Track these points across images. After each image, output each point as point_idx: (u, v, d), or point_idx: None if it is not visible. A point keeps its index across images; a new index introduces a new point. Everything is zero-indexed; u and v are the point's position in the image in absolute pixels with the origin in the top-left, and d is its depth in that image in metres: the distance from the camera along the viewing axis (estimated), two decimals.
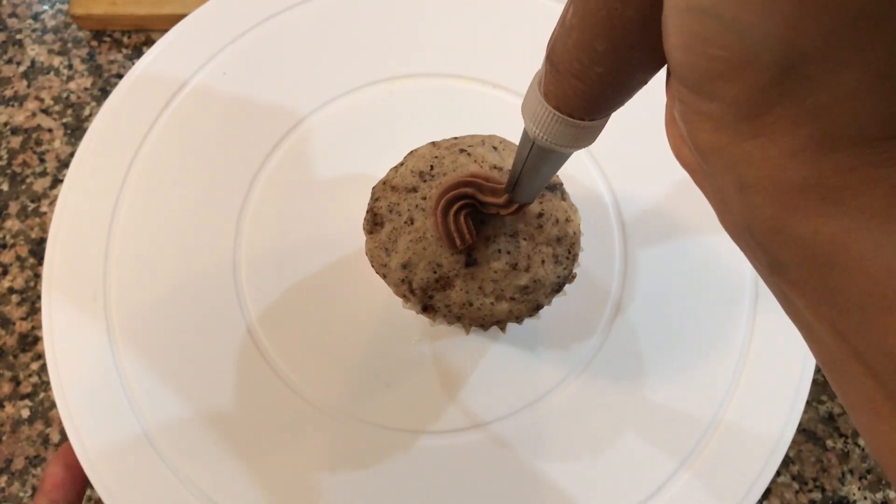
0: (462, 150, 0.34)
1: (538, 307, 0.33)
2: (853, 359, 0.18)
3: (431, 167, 0.33)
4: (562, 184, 0.35)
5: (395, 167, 0.34)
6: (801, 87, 0.15)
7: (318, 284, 0.40)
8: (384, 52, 0.45)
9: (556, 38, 0.20)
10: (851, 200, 0.16)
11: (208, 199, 0.42)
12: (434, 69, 0.45)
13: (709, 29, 0.15)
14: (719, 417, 0.38)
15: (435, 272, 0.32)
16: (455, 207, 0.31)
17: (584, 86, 0.20)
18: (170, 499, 0.36)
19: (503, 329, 0.35)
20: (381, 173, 0.35)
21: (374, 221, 0.34)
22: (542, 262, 0.33)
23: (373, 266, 0.34)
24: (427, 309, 0.33)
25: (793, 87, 0.15)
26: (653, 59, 0.18)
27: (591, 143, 0.23)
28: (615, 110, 0.22)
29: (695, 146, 0.18)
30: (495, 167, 0.33)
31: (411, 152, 0.35)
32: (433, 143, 0.35)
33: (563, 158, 0.25)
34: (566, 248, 0.33)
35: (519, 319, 0.34)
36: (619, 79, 0.20)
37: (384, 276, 0.34)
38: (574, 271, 0.34)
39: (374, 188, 0.34)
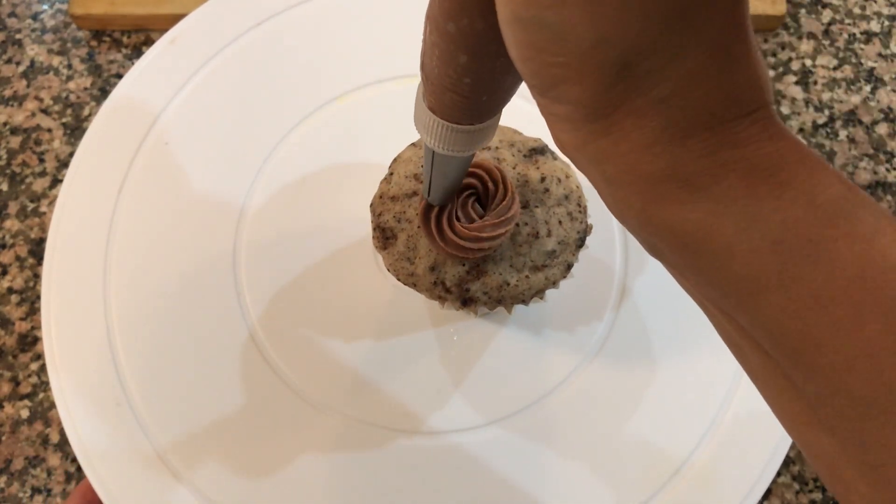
0: None
1: (569, 266, 0.34)
2: (743, 336, 0.18)
3: (422, 166, 0.33)
4: (547, 146, 0.35)
5: (386, 178, 0.34)
6: (641, 81, 0.15)
7: (318, 282, 0.40)
8: (384, 51, 0.45)
9: (423, 53, 0.20)
10: (713, 186, 0.16)
11: (208, 198, 0.42)
12: None
13: (539, 38, 0.15)
14: (720, 418, 0.37)
15: (464, 264, 0.32)
16: (462, 197, 0.31)
17: (459, 97, 0.20)
18: (169, 498, 0.36)
19: (515, 306, 0.35)
20: (379, 168, 0.35)
21: (384, 236, 0.33)
22: (560, 222, 0.33)
23: (399, 279, 0.34)
24: (467, 302, 0.33)
25: (633, 83, 0.15)
26: None
27: (489, 140, 0.23)
28: (501, 109, 0.22)
29: (558, 145, 0.18)
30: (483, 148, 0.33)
31: (395, 159, 0.35)
32: (413, 144, 0.35)
33: (467, 159, 0.25)
34: (576, 203, 0.34)
35: (555, 284, 0.34)
36: (491, 86, 0.20)
37: (414, 285, 0.33)
38: (589, 222, 0.35)
39: (371, 205, 0.34)
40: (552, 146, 0.35)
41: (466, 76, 0.19)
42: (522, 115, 0.43)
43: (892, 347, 0.15)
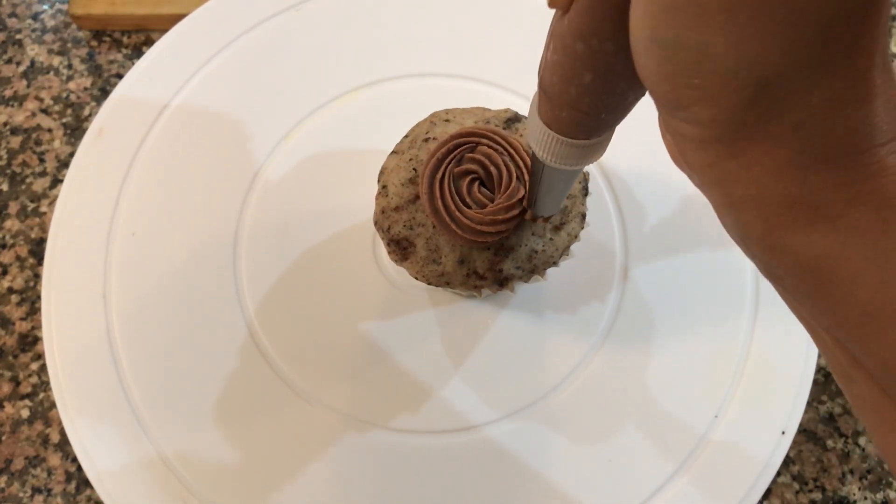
0: (425, 140, 0.34)
1: (583, 216, 0.34)
2: (856, 367, 0.18)
3: (415, 170, 0.33)
4: (517, 113, 0.35)
5: (381, 193, 0.34)
6: (778, 106, 0.15)
7: (316, 278, 0.40)
8: (386, 51, 0.45)
9: (544, 70, 0.20)
10: (844, 216, 0.16)
11: (207, 200, 0.42)
12: (435, 69, 0.45)
13: (676, 59, 0.15)
14: (720, 418, 0.38)
15: (489, 248, 0.33)
16: (466, 183, 0.31)
17: (579, 114, 0.20)
18: (168, 495, 0.36)
19: (512, 289, 0.35)
20: (376, 164, 0.35)
21: (402, 247, 0.33)
22: None
23: (430, 283, 0.34)
24: (503, 282, 0.33)
25: (770, 107, 0.15)
26: (641, 82, 0.18)
27: (601, 156, 0.23)
28: (616, 126, 0.22)
29: (684, 162, 0.18)
30: None
31: (382, 171, 0.35)
32: (394, 152, 0.35)
33: (576, 172, 0.25)
34: None
35: (577, 237, 0.34)
36: (611, 104, 0.20)
37: (447, 284, 0.34)
38: (586, 171, 0.35)
39: (375, 223, 0.34)
40: (522, 113, 0.35)
41: (588, 95, 0.19)
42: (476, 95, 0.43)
43: None
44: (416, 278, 0.34)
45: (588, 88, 0.19)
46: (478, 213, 0.31)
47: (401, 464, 0.37)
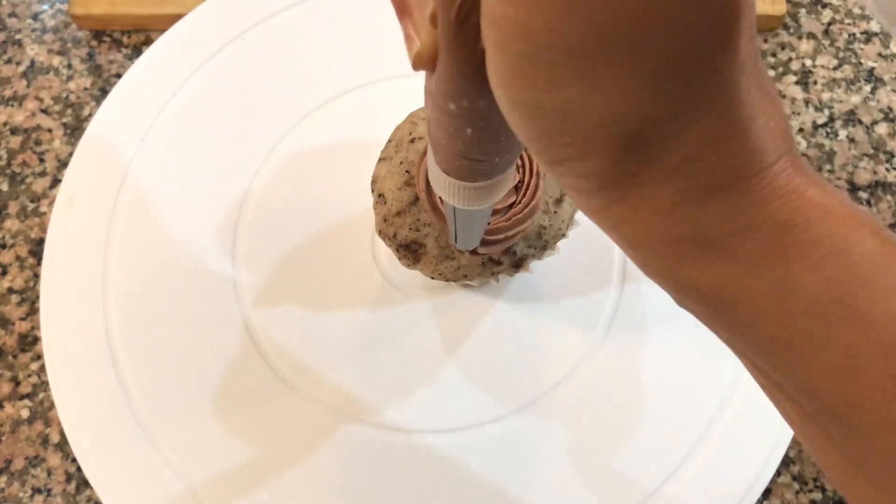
0: (411, 141, 0.34)
1: None
2: (778, 389, 0.18)
3: (408, 172, 0.33)
4: None
5: (378, 202, 0.34)
6: (652, 151, 0.15)
7: (316, 284, 0.40)
8: (385, 51, 0.45)
9: (428, 124, 0.20)
10: (739, 247, 0.15)
11: (206, 197, 0.42)
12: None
13: (540, 121, 0.15)
14: (719, 416, 0.37)
15: None
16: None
17: (472, 162, 0.20)
18: (167, 495, 0.36)
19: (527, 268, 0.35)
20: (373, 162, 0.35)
21: (412, 251, 0.33)
22: None
23: (448, 280, 0.34)
24: (519, 264, 0.34)
25: (644, 153, 0.15)
26: None
27: (508, 189, 0.23)
28: (513, 164, 0.22)
29: (577, 206, 0.18)
30: None
31: (374, 181, 0.35)
32: (382, 160, 0.35)
33: (488, 208, 0.25)
34: None
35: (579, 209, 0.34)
36: (502, 149, 0.19)
37: (464, 277, 0.34)
38: None
39: (379, 232, 0.34)
40: None
41: (475, 145, 0.19)
42: None
43: None
44: (433, 278, 0.34)
45: (473, 140, 0.19)
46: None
47: (399, 461, 0.37)
